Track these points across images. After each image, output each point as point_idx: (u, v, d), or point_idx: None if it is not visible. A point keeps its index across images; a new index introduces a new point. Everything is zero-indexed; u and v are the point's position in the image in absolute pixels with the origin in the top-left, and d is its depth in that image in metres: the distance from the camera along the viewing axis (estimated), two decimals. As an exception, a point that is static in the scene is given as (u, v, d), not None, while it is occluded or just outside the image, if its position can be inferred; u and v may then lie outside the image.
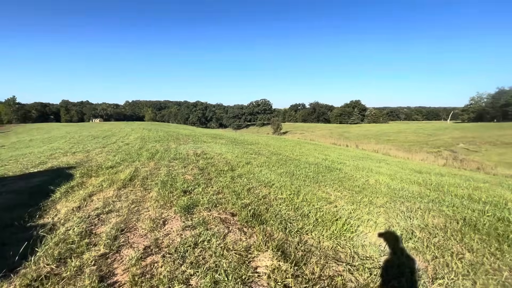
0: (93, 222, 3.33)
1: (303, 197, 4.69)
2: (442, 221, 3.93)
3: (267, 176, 6.46)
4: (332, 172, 7.75)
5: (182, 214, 3.63)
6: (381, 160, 14.43)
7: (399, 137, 50.54)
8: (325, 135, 57.60)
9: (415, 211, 4.34)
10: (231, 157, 9.21)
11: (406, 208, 4.50)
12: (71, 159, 9.35)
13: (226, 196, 4.55)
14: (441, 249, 2.95)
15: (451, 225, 3.77)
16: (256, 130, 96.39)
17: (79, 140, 20.52)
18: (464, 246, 3.06)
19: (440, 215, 4.18)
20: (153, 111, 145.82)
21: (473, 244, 3.08)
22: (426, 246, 3.01)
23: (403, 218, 3.95)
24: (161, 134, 22.29)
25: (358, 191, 5.55)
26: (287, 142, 21.86)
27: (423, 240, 3.16)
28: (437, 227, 3.66)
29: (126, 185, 5.21)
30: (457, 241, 3.19)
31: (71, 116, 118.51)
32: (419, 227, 3.60)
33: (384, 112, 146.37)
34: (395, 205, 4.65)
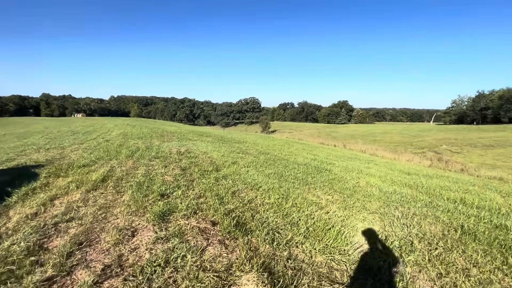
0: (48, 234, 2.82)
1: (292, 201, 4.33)
2: (439, 229, 3.68)
3: (254, 177, 6.07)
4: (322, 173, 7.46)
5: (155, 223, 3.17)
6: (369, 160, 14.38)
7: (385, 138, 51.52)
8: (313, 134, 57.94)
9: (411, 217, 4.08)
10: (216, 156, 8.75)
11: (401, 214, 4.23)
12: (42, 156, 8.60)
13: (208, 201, 4.12)
14: (444, 264, 2.66)
15: (449, 233, 3.52)
16: (244, 128, 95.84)
17: (57, 135, 19.37)
18: (468, 259, 2.79)
19: (436, 222, 3.94)
20: (139, 107, 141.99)
21: (477, 258, 2.82)
22: (428, 260, 2.72)
23: (399, 226, 3.67)
24: (145, 130, 21.42)
25: (350, 195, 5.26)
26: (276, 141, 21.57)
27: (424, 253, 2.87)
28: (436, 236, 3.40)
29: (96, 186, 4.67)
30: (460, 254, 2.92)
31: (52, 110, 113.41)
32: (417, 237, 3.32)
33: (371, 113, 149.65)
34: (389, 211, 4.38)
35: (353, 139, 51.26)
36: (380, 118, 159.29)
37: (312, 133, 63.63)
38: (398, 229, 3.59)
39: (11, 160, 8.02)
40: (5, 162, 7.64)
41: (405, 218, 4.08)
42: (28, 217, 3.25)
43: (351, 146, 29.11)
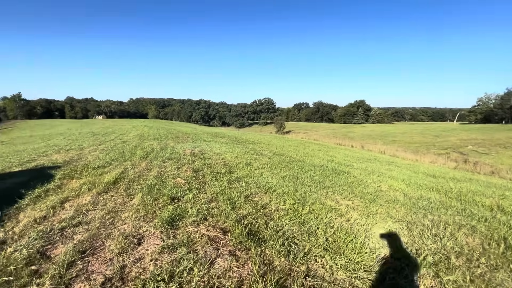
0: (53, 240, 2.71)
1: (309, 207, 4.03)
2: (478, 241, 3.24)
3: (268, 180, 5.81)
4: (340, 176, 7.06)
5: (163, 229, 2.99)
6: (390, 162, 13.68)
7: (405, 138, 49.43)
8: (329, 135, 56.70)
9: (443, 227, 3.65)
10: (230, 157, 8.57)
11: (431, 223, 3.81)
12: (61, 157, 8.79)
13: (219, 206, 3.91)
14: (491, 287, 2.27)
15: (491, 248, 3.08)
16: (259, 129, 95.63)
17: (78, 137, 20.07)
18: (519, 282, 2.38)
19: (473, 233, 3.49)
20: (157, 108, 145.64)
21: (530, 279, 2.40)
22: (470, 281, 2.34)
23: (430, 238, 3.27)
24: (161, 132, 21.75)
25: (372, 200, 4.87)
26: (291, 142, 21.16)
27: (465, 272, 2.48)
28: (476, 250, 2.98)
29: (108, 189, 4.60)
30: (508, 274, 2.50)
31: (76, 113, 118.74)
32: (453, 251, 2.92)
33: (389, 112, 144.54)
34: (417, 219, 3.96)
35: (371, 139, 49.59)
36: (399, 118, 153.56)
37: (328, 133, 62.29)
38: (430, 241, 3.19)
39: (31, 161, 8.26)
40: (26, 163, 7.85)
41: (436, 227, 3.66)
42: (36, 220, 3.18)
43: (370, 146, 28.08)
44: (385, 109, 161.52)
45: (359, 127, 79.65)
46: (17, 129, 59.95)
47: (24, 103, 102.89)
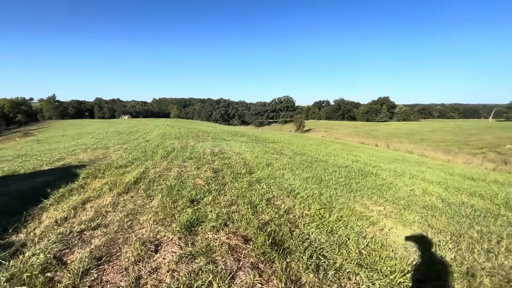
0: (71, 243, 2.64)
1: (337, 213, 3.70)
2: (543, 260, 2.74)
3: (290, 181, 5.52)
4: (367, 178, 6.59)
5: (182, 235, 2.83)
6: (419, 162, 12.77)
7: (434, 137, 46.52)
8: (351, 133, 54.82)
9: (496, 240, 3.17)
10: (250, 157, 8.37)
11: (480, 235, 3.33)
12: (87, 156, 9.09)
13: (240, 209, 3.70)
14: None
15: (561, 269, 2.59)
16: (278, 127, 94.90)
17: (105, 136, 20.94)
18: None
19: (535, 249, 2.98)
20: (178, 108, 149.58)
21: None
22: (544, 314, 1.92)
23: (482, 254, 2.83)
24: (182, 131, 22.11)
25: (406, 206, 4.42)
26: (312, 141, 20.60)
27: (535, 301, 2.06)
28: (543, 272, 2.50)
29: (128, 189, 4.56)
30: None
31: (104, 113, 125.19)
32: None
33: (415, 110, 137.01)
34: (462, 229, 3.49)
35: (397, 138, 47.21)
36: (427, 115, 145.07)
37: (350, 131, 60.27)
38: (483, 258, 2.75)
39: (60, 160, 8.60)
40: (55, 162, 8.19)
41: (487, 241, 3.18)
42: (57, 222, 3.15)
43: (396, 146, 26.65)
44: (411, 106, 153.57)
45: (383, 125, 76.34)
46: (52, 128, 64.35)
47: (58, 104, 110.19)
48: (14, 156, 10.91)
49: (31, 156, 10.27)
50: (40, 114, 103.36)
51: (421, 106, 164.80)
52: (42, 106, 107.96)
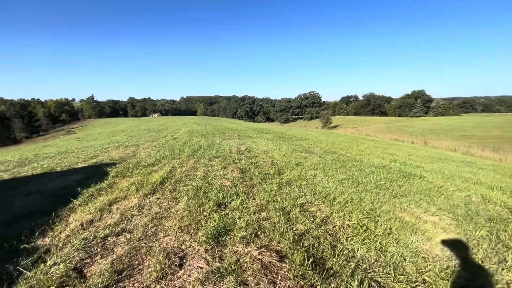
0: (93, 252, 2.48)
1: (384, 225, 3.18)
2: None
3: (324, 184, 5.04)
4: (411, 181, 5.87)
5: (208, 246, 2.55)
6: (467, 162, 11.41)
7: (479, 133, 42.25)
8: (383, 129, 51.82)
9: None
10: (278, 156, 7.97)
11: None
12: (118, 154, 9.34)
13: (271, 217, 3.34)
14: None
15: None
16: (304, 124, 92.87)
17: (136, 133, 21.82)
18: None
19: None
20: (205, 105, 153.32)
21: None
22: None
23: None
24: (208, 128, 22.31)
25: (465, 216, 3.74)
26: (341, 138, 19.60)
27: None
28: None
29: (155, 190, 4.42)
30: None
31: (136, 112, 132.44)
32: None
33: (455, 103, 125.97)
34: (549, 251, 2.79)
35: (434, 134, 43.63)
36: (468, 109, 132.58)
37: (381, 128, 57.02)
38: None
39: (94, 157, 8.91)
40: (89, 159, 8.49)
41: None
42: (83, 225, 3.05)
43: (434, 143, 24.49)
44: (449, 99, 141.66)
45: (418, 121, 71.15)
46: (91, 126, 69.38)
47: (95, 104, 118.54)
48: (55, 153, 11.63)
49: (69, 154, 10.85)
50: (80, 113, 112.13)
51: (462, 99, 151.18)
52: (82, 106, 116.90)
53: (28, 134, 61.49)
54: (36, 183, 5.28)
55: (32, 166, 7.73)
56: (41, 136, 60.97)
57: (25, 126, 62.17)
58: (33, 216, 3.37)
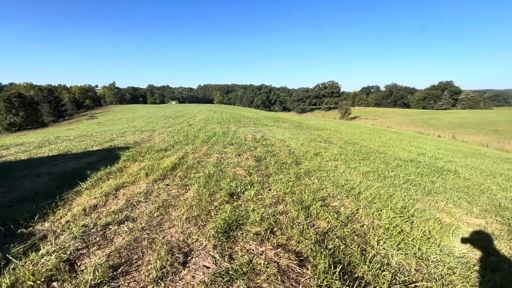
0: (91, 241, 2.24)
1: (421, 226, 2.73)
2: None
3: (346, 176, 4.58)
4: (445, 176, 5.27)
5: (217, 242, 2.24)
6: (505, 159, 10.36)
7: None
8: (405, 121, 49.29)
9: None
10: (295, 145, 7.53)
11: None
12: (133, 138, 9.29)
13: (288, 210, 2.97)
14: None
15: None
16: (321, 114, 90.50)
17: (154, 119, 22.05)
18: None
19: None
20: (221, 94, 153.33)
21: None
22: None
23: None
24: (224, 116, 22.07)
25: (518, 220, 3.18)
26: (362, 129, 18.68)
27: None
28: None
29: (165, 176, 4.18)
30: None
31: (155, 99, 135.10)
32: None
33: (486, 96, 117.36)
34: None
35: (462, 128, 40.86)
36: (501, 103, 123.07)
37: (403, 120, 54.28)
38: None
39: (110, 141, 8.91)
40: (105, 143, 8.48)
41: None
42: (85, 210, 2.84)
43: (464, 137, 22.83)
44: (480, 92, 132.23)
45: (444, 114, 66.97)
46: (112, 112, 71.66)
47: (117, 90, 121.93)
48: (75, 136, 11.88)
49: (88, 137, 11.00)
50: (103, 100, 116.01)
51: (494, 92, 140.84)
52: (105, 92, 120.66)
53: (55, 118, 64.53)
54: (49, 164, 5.23)
55: (50, 147, 7.83)
56: (66, 120, 63.82)
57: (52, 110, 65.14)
58: (38, 198, 3.22)
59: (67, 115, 72.27)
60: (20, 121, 48.56)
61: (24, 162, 5.72)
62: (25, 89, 74.01)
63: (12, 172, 4.57)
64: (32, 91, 68.99)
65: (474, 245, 2.50)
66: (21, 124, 48.53)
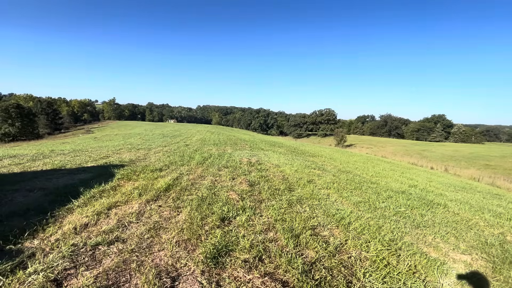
0: (79, 261, 2.24)
1: (407, 260, 2.77)
2: None
3: (337, 205, 4.65)
4: (434, 210, 5.36)
5: (205, 268, 2.25)
6: (495, 195, 10.52)
7: (504, 163, 39.81)
8: (399, 152, 50.08)
9: None
10: (289, 171, 7.63)
11: None
12: (129, 156, 9.32)
13: (278, 238, 3.01)
14: None
15: None
16: (317, 140, 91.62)
17: (151, 137, 22.13)
18: None
19: None
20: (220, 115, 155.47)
21: None
22: None
23: None
24: (221, 137, 22.30)
25: (503, 259, 3.24)
26: (356, 157, 18.94)
27: None
28: None
29: (158, 197, 4.21)
30: None
31: (153, 116, 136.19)
32: None
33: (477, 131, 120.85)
34: None
35: (455, 161, 41.56)
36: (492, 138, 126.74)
37: (397, 150, 55.17)
38: None
39: (105, 158, 8.91)
40: (100, 159, 8.48)
41: None
42: (76, 229, 2.84)
43: (455, 170, 23.20)
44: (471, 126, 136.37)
45: (437, 146, 68.36)
46: (109, 127, 71.66)
47: (116, 106, 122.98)
48: (70, 150, 11.84)
49: (83, 152, 10.98)
50: (101, 115, 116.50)
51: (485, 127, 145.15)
52: (104, 107, 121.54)
53: (50, 131, 64.21)
54: (42, 179, 5.22)
55: (45, 161, 7.80)
56: (62, 133, 63.48)
57: (49, 122, 65.02)
58: (29, 214, 3.21)
59: (63, 128, 72.05)
60: (15, 132, 48.20)
61: (17, 175, 5.69)
62: (25, 100, 74.48)
63: (3, 185, 4.54)
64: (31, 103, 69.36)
65: (459, 282, 2.54)
66: (16, 134, 48.12)
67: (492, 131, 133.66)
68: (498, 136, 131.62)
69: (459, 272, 2.73)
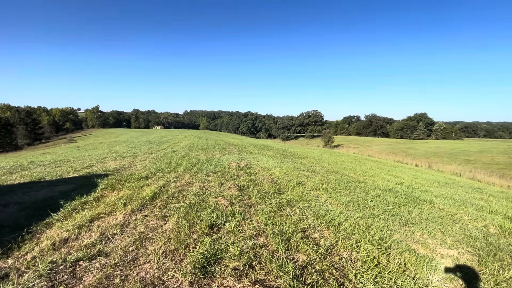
0: (58, 280, 2.10)
1: (397, 258, 2.79)
2: None
3: (328, 207, 4.66)
4: (421, 206, 5.48)
5: (194, 278, 2.17)
6: (476, 188, 10.93)
7: (483, 158, 41.70)
8: (385, 150, 51.38)
9: None
10: (278, 173, 7.61)
11: None
12: (114, 165, 9.02)
13: (269, 243, 2.96)
14: None
15: None
16: (305, 142, 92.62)
17: (137, 144, 21.59)
18: None
19: None
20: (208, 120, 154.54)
21: None
22: None
23: None
24: (209, 142, 22.09)
25: (487, 252, 3.32)
26: (344, 157, 19.22)
27: None
28: None
29: (143, 206, 4.07)
30: None
31: (139, 123, 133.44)
32: None
33: (457, 128, 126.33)
34: None
35: (438, 157, 43.10)
36: (471, 134, 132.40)
37: (383, 149, 56.62)
38: None
39: (88, 167, 8.59)
40: (83, 169, 8.16)
41: None
42: (54, 245, 2.68)
43: (439, 166, 23.99)
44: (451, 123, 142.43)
45: (420, 143, 70.72)
46: (93, 136, 69.50)
47: (100, 114, 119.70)
48: (50, 161, 11.33)
49: (65, 162, 10.54)
50: (84, 123, 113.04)
51: (464, 124, 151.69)
52: (87, 115, 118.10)
53: (30, 141, 61.51)
54: (19, 192, 4.94)
55: (22, 174, 7.41)
56: (42, 144, 60.99)
57: (28, 133, 62.30)
58: (3, 231, 3.01)
59: (44, 138, 69.26)
60: (-9, 144, 45.89)
61: (-9, 190, 5.36)
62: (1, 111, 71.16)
63: (-24, 201, 4.26)
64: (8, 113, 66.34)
65: (447, 277, 2.57)
66: (-8, 146, 45.81)
67: (470, 128, 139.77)
68: (476, 132, 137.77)
69: (447, 267, 2.78)
